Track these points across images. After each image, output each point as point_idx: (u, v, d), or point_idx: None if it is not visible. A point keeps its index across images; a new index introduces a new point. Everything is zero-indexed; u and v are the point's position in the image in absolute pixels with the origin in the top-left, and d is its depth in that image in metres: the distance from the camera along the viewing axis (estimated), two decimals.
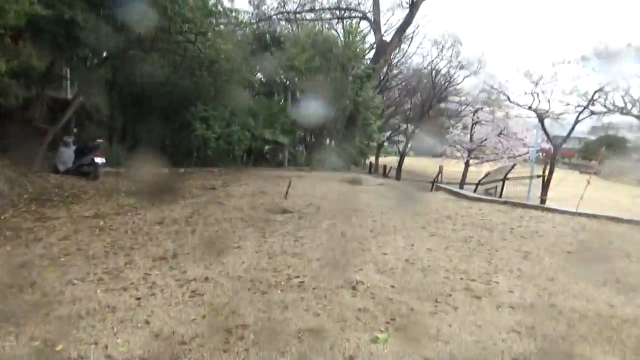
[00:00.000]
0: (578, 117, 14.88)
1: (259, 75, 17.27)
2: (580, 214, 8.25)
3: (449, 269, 4.70)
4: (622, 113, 23.30)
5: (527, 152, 26.53)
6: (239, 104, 14.33)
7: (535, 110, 12.01)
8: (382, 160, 35.13)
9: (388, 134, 32.89)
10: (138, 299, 3.63)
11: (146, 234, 5.72)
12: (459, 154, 27.81)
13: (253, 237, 5.71)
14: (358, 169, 17.39)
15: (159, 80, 12.79)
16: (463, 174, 27.20)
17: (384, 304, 3.67)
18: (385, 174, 17.22)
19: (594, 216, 8.15)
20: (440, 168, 30.69)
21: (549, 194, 12.73)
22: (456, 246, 5.65)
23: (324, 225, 6.50)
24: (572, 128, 14.86)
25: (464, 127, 27.84)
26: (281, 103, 17.54)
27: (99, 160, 9.73)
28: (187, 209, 7.23)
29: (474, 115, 26.39)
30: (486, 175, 13.45)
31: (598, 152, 21.07)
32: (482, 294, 4.01)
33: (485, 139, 26.42)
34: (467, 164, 27.53)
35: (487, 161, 27.57)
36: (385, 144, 35.48)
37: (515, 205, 9.18)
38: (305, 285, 4.03)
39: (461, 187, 26.51)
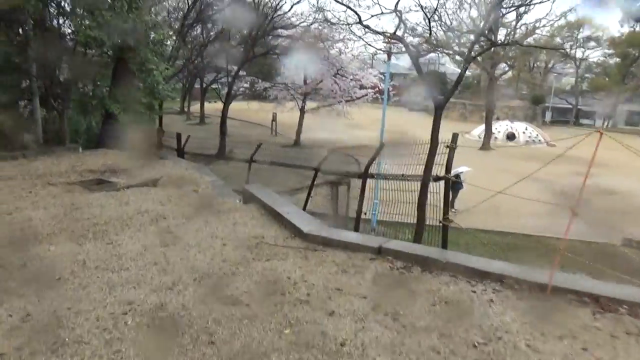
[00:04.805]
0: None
1: None
2: None
3: None
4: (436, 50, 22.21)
5: (366, 95, 24.24)
6: None
7: (400, 39, 7.40)
8: (209, 107, 29.46)
9: (214, 76, 27.22)
10: None
11: None
12: (292, 98, 24.11)
13: None
14: (144, 139, 11.24)
15: None
16: (299, 124, 23.72)
17: None
18: (180, 150, 10.98)
19: None
20: (274, 116, 26.63)
21: None
22: None
23: None
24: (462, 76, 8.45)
25: (297, 68, 23.84)
26: None
27: None
28: None
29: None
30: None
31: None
32: None
33: (321, 81, 23.07)
34: (302, 111, 24.06)
35: (325, 106, 24.63)
36: (215, 86, 29.68)
37: None
38: None
39: (296, 138, 22.80)
